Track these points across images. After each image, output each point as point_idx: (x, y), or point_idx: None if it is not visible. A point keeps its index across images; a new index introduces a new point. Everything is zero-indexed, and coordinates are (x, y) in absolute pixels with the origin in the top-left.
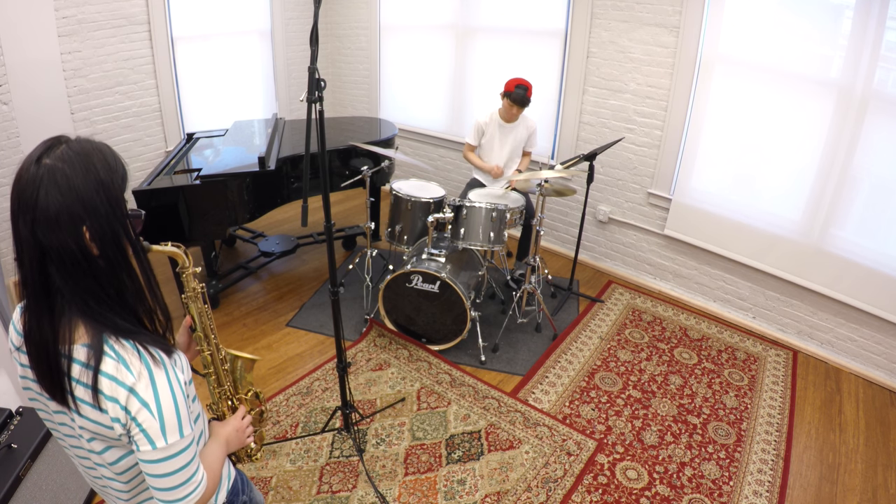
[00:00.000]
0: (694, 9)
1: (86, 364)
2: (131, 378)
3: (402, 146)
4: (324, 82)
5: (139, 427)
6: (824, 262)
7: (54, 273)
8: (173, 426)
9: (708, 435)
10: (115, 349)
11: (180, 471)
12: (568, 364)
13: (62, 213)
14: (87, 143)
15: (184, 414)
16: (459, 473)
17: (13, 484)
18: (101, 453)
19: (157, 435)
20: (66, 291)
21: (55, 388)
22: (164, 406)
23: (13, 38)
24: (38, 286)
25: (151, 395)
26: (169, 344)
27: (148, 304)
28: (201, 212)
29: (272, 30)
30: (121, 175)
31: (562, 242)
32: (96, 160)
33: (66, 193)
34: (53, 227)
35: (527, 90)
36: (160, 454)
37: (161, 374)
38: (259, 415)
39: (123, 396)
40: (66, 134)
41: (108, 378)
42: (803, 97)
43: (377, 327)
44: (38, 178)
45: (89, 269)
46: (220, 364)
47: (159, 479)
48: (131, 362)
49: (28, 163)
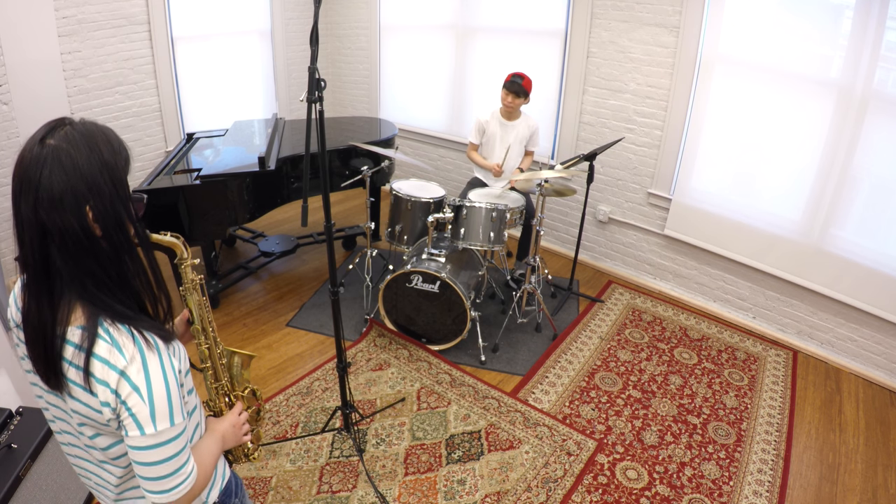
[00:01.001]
0: (694, 9)
1: (79, 346)
2: (123, 361)
3: (402, 146)
4: (324, 82)
5: (129, 411)
6: (824, 262)
7: (55, 254)
8: (164, 413)
9: (708, 435)
10: (110, 332)
11: (169, 460)
12: (568, 364)
13: (66, 192)
14: (91, 125)
15: (176, 402)
16: (459, 473)
17: (13, 484)
18: (91, 438)
19: (146, 421)
20: (66, 273)
21: (49, 370)
22: (156, 391)
23: (13, 38)
24: (38, 267)
25: (143, 379)
26: (168, 331)
27: (151, 287)
28: (201, 212)
29: (272, 30)
30: (124, 158)
31: (562, 242)
32: (100, 141)
33: (71, 173)
34: (57, 207)
35: (522, 79)
36: (149, 441)
37: (154, 359)
38: (256, 413)
39: (114, 379)
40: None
41: (101, 361)
42: (803, 97)
43: (377, 327)
44: (43, 158)
45: (91, 250)
46: (217, 358)
47: (147, 468)
48: (124, 345)
49: (31, 143)
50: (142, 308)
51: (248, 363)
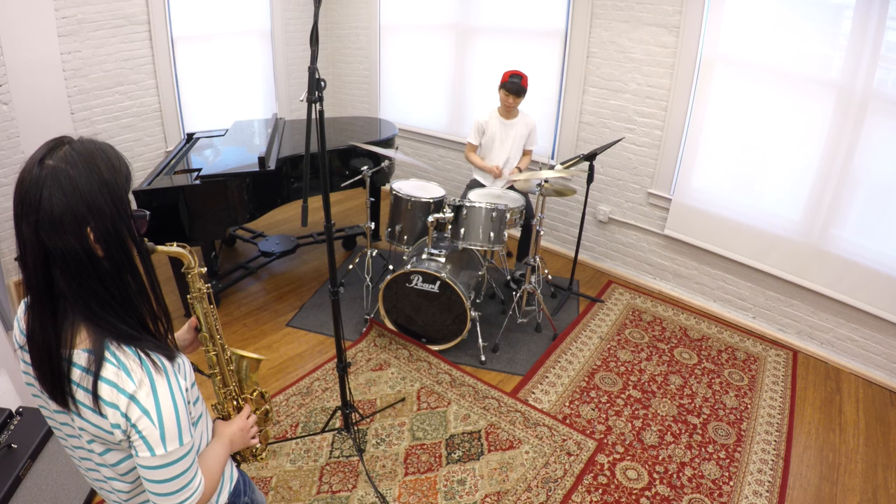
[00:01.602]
0: (694, 9)
1: (86, 369)
2: (132, 385)
3: (402, 146)
4: (324, 82)
5: (139, 434)
6: (824, 262)
7: (58, 275)
8: (173, 434)
9: (708, 435)
10: (117, 355)
11: (178, 477)
12: (568, 364)
13: (66, 214)
14: (91, 144)
15: (184, 422)
16: (459, 473)
17: (13, 484)
18: (101, 454)
19: (156, 443)
20: (70, 294)
21: (56, 390)
22: (165, 414)
23: (13, 38)
24: (41, 289)
25: (153, 403)
26: (171, 349)
27: (152, 306)
28: (201, 212)
29: (272, 30)
30: (124, 175)
31: (562, 242)
32: (100, 160)
33: (70, 194)
34: (57, 229)
35: (521, 79)
36: (159, 461)
37: (163, 382)
38: (264, 414)
39: (124, 403)
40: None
41: (109, 384)
42: (803, 97)
43: (377, 327)
44: (42, 180)
45: (94, 271)
46: (225, 364)
47: (157, 485)
48: (132, 369)
49: (31, 164)
50: (143, 325)
51: (257, 366)
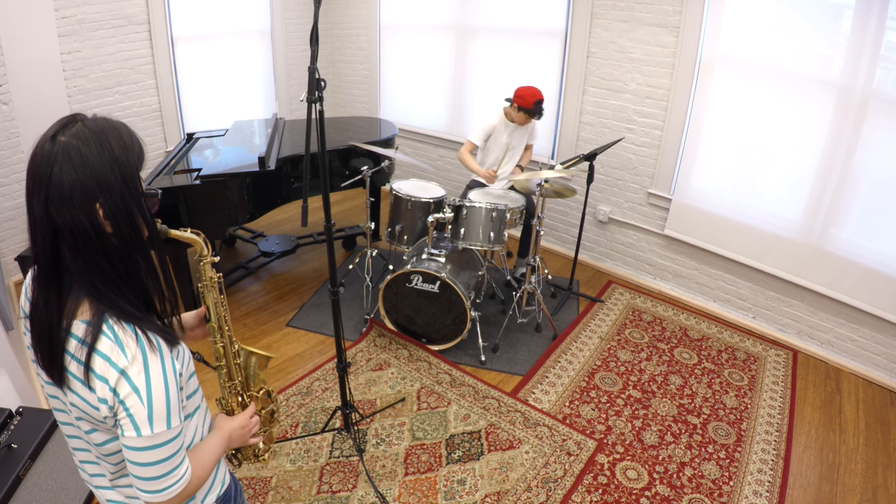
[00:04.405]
0: (694, 9)
1: (82, 340)
2: (124, 360)
3: (402, 146)
4: (324, 82)
5: (126, 412)
6: (824, 262)
7: (65, 251)
8: (161, 416)
9: (708, 435)
10: (114, 329)
11: (163, 462)
12: (568, 364)
13: (76, 189)
14: (104, 122)
15: (174, 405)
16: (459, 473)
17: (13, 484)
18: (88, 433)
19: (143, 423)
20: (76, 270)
21: (52, 363)
22: (155, 394)
23: (13, 38)
24: (48, 263)
25: (143, 380)
26: (174, 335)
27: (161, 286)
28: (201, 212)
29: (272, 30)
30: (136, 153)
31: (562, 242)
32: (111, 138)
33: (80, 170)
34: (67, 204)
35: (543, 101)
36: (144, 442)
37: (156, 362)
38: (270, 414)
39: (114, 378)
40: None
41: (102, 357)
42: (803, 97)
43: (377, 327)
44: (53, 155)
45: (101, 247)
46: (232, 357)
47: (140, 468)
48: (127, 344)
49: (43, 140)
50: (149, 306)
51: (265, 364)
